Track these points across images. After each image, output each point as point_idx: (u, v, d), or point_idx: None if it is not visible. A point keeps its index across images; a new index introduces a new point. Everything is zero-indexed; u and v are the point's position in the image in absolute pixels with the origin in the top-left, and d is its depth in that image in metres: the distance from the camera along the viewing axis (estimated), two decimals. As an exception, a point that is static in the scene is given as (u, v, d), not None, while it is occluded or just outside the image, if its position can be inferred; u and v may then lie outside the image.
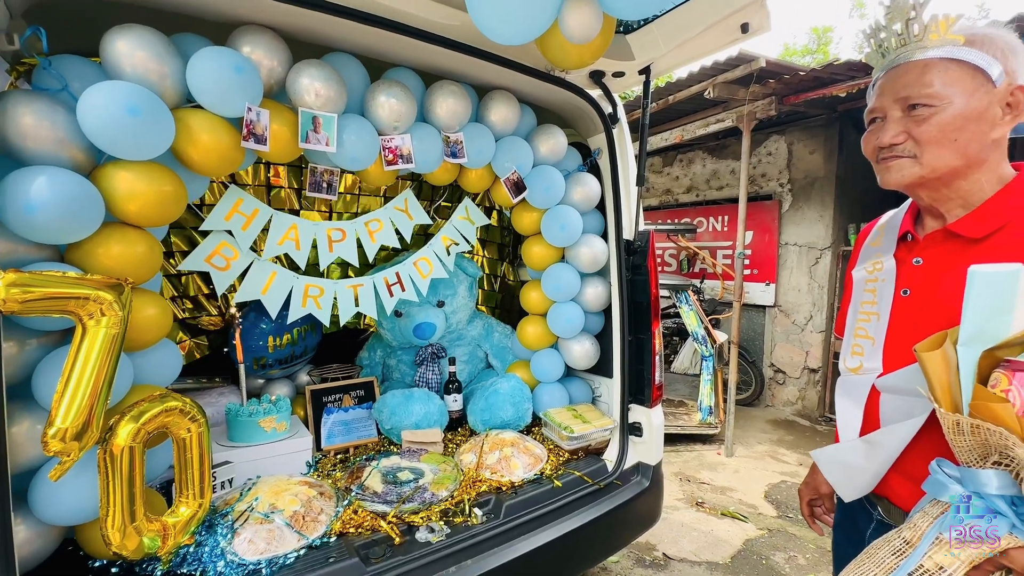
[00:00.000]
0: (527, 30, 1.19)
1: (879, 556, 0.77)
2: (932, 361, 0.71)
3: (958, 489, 0.70)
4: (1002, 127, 0.83)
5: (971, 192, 0.86)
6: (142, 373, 1.20)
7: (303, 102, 1.33)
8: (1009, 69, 0.81)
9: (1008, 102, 0.82)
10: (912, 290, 0.91)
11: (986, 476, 0.68)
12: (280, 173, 2.18)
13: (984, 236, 0.82)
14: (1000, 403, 0.63)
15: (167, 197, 1.17)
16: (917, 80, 0.83)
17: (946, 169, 0.84)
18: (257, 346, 1.96)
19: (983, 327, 0.67)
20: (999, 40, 0.82)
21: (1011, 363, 0.65)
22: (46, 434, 0.90)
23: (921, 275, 0.91)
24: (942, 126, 0.81)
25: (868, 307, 0.99)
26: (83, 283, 0.96)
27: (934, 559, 0.69)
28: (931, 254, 0.90)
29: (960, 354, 0.69)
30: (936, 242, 0.90)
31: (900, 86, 0.85)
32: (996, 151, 0.85)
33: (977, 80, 0.81)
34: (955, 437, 0.70)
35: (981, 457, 0.69)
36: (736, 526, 2.90)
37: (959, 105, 0.81)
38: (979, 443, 0.68)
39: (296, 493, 1.36)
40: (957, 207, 0.88)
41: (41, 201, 0.96)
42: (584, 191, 1.94)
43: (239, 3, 1.21)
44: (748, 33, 1.56)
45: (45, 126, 1.00)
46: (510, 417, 1.96)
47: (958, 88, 0.81)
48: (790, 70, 3.42)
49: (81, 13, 1.17)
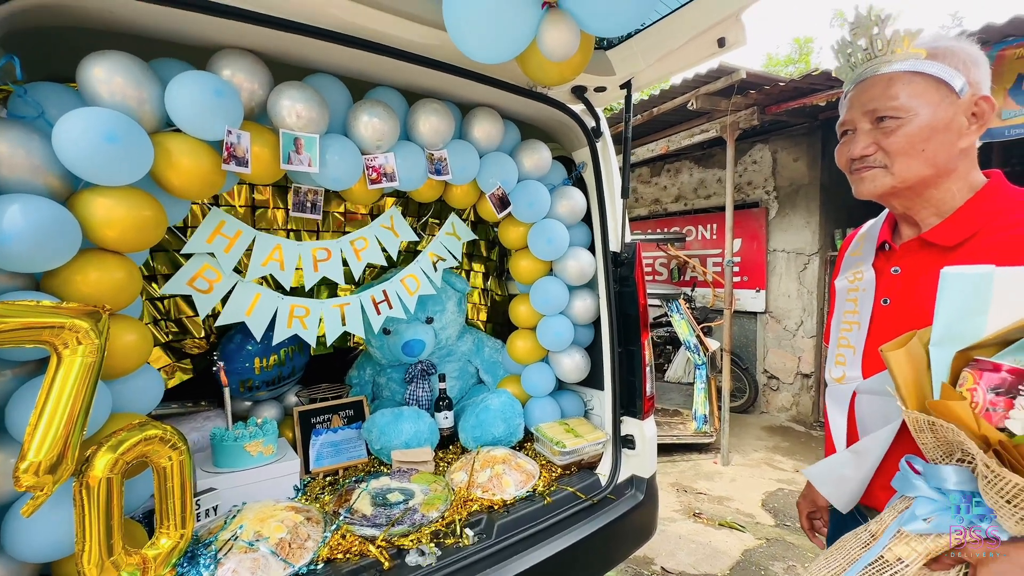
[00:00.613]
0: (505, 49, 1.21)
1: (847, 548, 0.80)
2: (896, 359, 0.73)
3: (921, 485, 0.72)
4: (969, 136, 0.85)
5: (943, 200, 0.88)
6: (122, 401, 1.17)
7: (284, 124, 1.33)
8: (972, 80, 0.84)
9: (973, 112, 0.84)
10: (892, 299, 0.92)
11: (945, 472, 0.70)
12: (265, 192, 2.17)
13: (958, 243, 0.84)
14: (957, 401, 0.64)
15: (146, 222, 1.16)
16: (883, 93, 0.85)
17: (916, 179, 0.86)
18: (243, 368, 1.93)
19: (955, 327, 0.69)
20: (960, 52, 0.84)
21: (979, 362, 0.66)
22: (18, 468, 0.87)
23: (900, 284, 0.92)
24: (909, 137, 0.84)
25: (850, 316, 1.00)
26: (58, 312, 0.94)
27: (894, 551, 0.72)
28: (908, 263, 0.92)
29: (932, 354, 0.70)
30: (912, 251, 0.92)
31: (867, 99, 0.88)
32: (965, 160, 0.87)
33: (941, 92, 0.83)
34: (919, 435, 0.72)
35: (946, 454, 0.71)
36: (734, 536, 2.88)
37: (925, 116, 0.83)
38: (940, 440, 0.70)
39: (282, 519, 1.33)
40: (931, 215, 0.89)
41: (15, 230, 0.94)
42: (569, 204, 1.95)
43: (219, 28, 1.22)
44: (725, 47, 1.59)
45: (20, 154, 0.99)
46: (501, 433, 1.94)
47: (923, 100, 0.83)
48: (770, 81, 3.49)
49: (58, 40, 1.17)
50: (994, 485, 0.62)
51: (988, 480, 0.63)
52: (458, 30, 1.17)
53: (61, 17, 1.11)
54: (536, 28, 1.18)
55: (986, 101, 0.84)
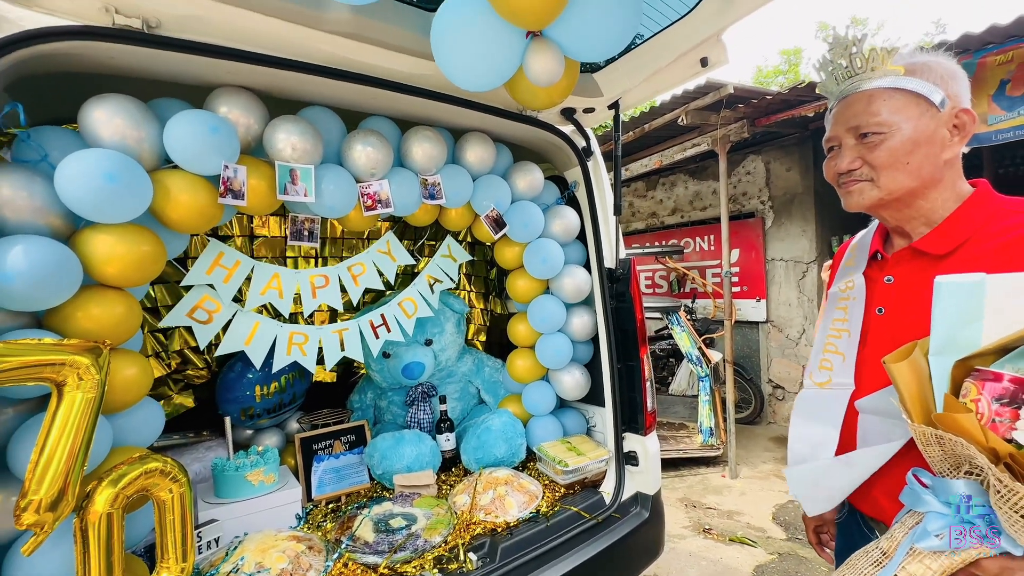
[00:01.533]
0: (493, 78, 1.24)
1: (858, 567, 0.77)
2: (900, 372, 0.72)
3: (931, 500, 0.70)
4: (952, 148, 0.87)
5: (932, 210, 0.89)
6: (122, 434, 1.18)
7: (280, 156, 1.37)
8: (951, 94, 0.86)
9: (955, 124, 0.86)
10: (887, 308, 0.93)
11: (956, 485, 0.68)
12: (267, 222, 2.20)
13: (948, 252, 0.85)
14: (963, 414, 0.63)
15: (146, 257, 1.18)
16: (864, 110, 0.88)
17: (903, 191, 0.88)
18: (244, 396, 1.93)
19: (952, 336, 0.69)
20: (938, 68, 0.87)
21: (980, 372, 0.66)
22: (18, 506, 0.88)
23: (894, 293, 0.93)
24: (892, 151, 0.86)
25: (839, 324, 1.01)
26: (59, 349, 0.96)
27: (908, 570, 0.70)
28: (901, 272, 0.93)
29: (932, 364, 0.70)
30: (904, 260, 0.93)
31: (850, 115, 0.90)
32: (950, 170, 0.89)
33: (921, 106, 0.85)
34: (925, 448, 0.71)
35: (954, 467, 0.70)
36: (745, 552, 2.82)
37: (907, 131, 0.85)
38: (948, 453, 0.69)
39: (284, 549, 1.32)
40: (921, 225, 0.91)
41: (18, 270, 0.97)
42: (563, 223, 1.98)
43: (215, 67, 1.26)
44: (708, 67, 1.63)
45: (22, 196, 1.02)
46: (503, 454, 1.93)
47: (903, 115, 0.85)
48: (758, 94, 3.55)
49: (60, 84, 1.21)
50: (1007, 500, 0.61)
51: (1001, 495, 0.61)
52: (447, 61, 1.21)
53: (64, 64, 1.16)
54: (522, 56, 1.22)
55: (966, 113, 0.86)
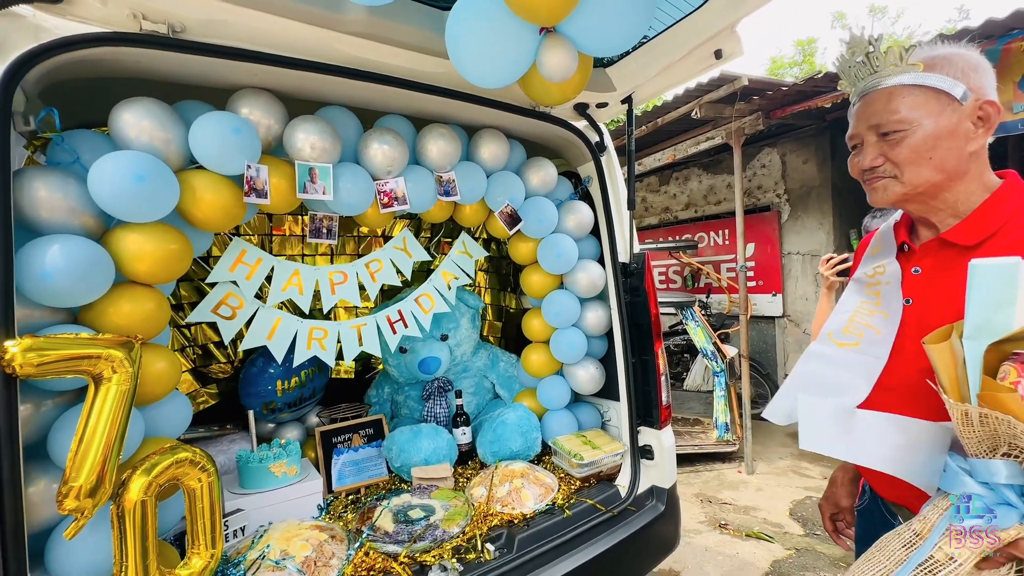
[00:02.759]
0: (507, 75, 1.26)
1: (890, 548, 0.77)
2: (940, 353, 0.73)
3: (968, 480, 0.71)
4: (977, 140, 0.86)
5: (959, 202, 0.89)
6: (153, 426, 1.23)
7: (300, 155, 1.40)
8: (974, 86, 0.85)
9: (979, 116, 0.85)
10: (915, 299, 0.93)
11: (995, 466, 0.68)
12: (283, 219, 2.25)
13: (978, 243, 0.85)
14: (1008, 393, 0.65)
15: (173, 255, 1.22)
16: (884, 108, 0.88)
17: (927, 185, 0.88)
18: (266, 391, 1.98)
19: (987, 320, 0.69)
20: (959, 60, 0.86)
21: (1019, 355, 0.66)
22: (60, 492, 0.92)
23: (922, 284, 0.93)
24: (914, 147, 0.86)
25: (869, 306, 1.01)
26: (94, 343, 1.00)
27: (944, 550, 0.70)
28: (928, 263, 0.93)
29: (966, 347, 0.70)
30: (932, 251, 0.93)
31: (870, 114, 0.90)
32: (976, 162, 0.88)
33: (942, 101, 0.85)
34: (963, 428, 0.71)
35: (990, 449, 0.71)
36: (762, 547, 2.81)
37: (928, 126, 0.85)
38: (988, 434, 0.69)
39: (307, 538, 1.36)
40: (948, 216, 0.90)
41: (55, 268, 1.01)
42: (577, 218, 1.98)
43: (237, 70, 1.30)
44: (722, 59, 1.62)
45: (58, 197, 1.07)
46: (519, 447, 1.95)
47: (923, 111, 0.85)
48: (773, 86, 3.50)
49: (91, 89, 1.26)
50: None
51: None
52: (461, 59, 1.22)
53: (93, 69, 1.20)
54: (535, 53, 1.23)
55: (991, 105, 0.85)
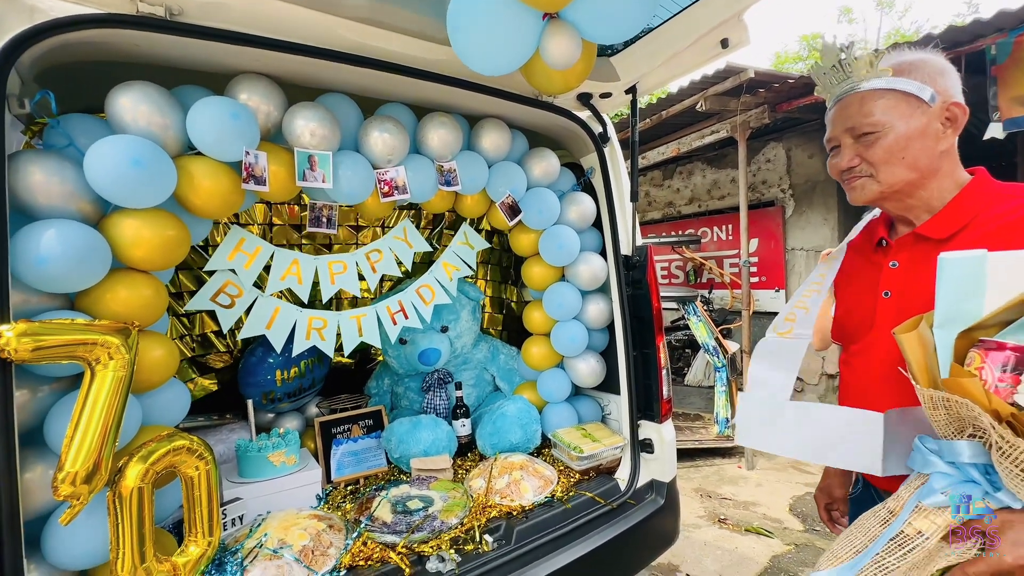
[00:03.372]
0: (509, 62, 1.24)
1: (866, 525, 0.82)
2: (909, 342, 0.78)
3: (937, 461, 0.75)
4: (946, 139, 0.92)
5: (932, 198, 0.94)
6: (150, 413, 1.22)
7: (299, 142, 1.38)
8: (941, 89, 0.91)
9: (947, 116, 0.91)
10: (892, 292, 0.98)
11: (960, 446, 0.73)
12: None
13: (949, 236, 0.90)
14: (968, 378, 0.68)
15: (171, 241, 1.21)
16: (858, 111, 0.93)
17: (902, 183, 0.93)
18: (265, 380, 1.98)
19: (955, 310, 0.73)
20: (925, 66, 0.92)
21: (984, 343, 0.70)
22: (56, 479, 0.92)
23: (899, 277, 0.98)
24: (888, 148, 0.91)
25: (814, 286, 1.11)
26: (90, 329, 0.99)
27: (914, 525, 0.74)
28: (905, 257, 0.98)
29: (936, 336, 0.74)
30: (908, 245, 0.98)
31: (845, 117, 0.96)
32: (947, 160, 0.93)
33: (911, 104, 0.90)
34: (932, 412, 0.75)
35: (958, 431, 0.74)
36: (761, 542, 2.81)
37: (900, 128, 0.90)
38: (953, 417, 0.73)
39: (305, 527, 1.36)
40: (923, 212, 0.96)
41: (51, 253, 1.00)
42: (579, 210, 1.97)
43: (236, 54, 1.28)
44: (728, 48, 1.59)
45: (54, 182, 1.05)
46: (519, 440, 1.95)
47: (894, 113, 0.90)
48: (779, 79, 3.46)
49: (88, 73, 1.24)
50: (1008, 455, 0.66)
51: (1003, 451, 0.66)
52: (462, 45, 1.20)
53: (90, 52, 1.18)
54: (538, 39, 1.21)
55: (957, 106, 0.91)
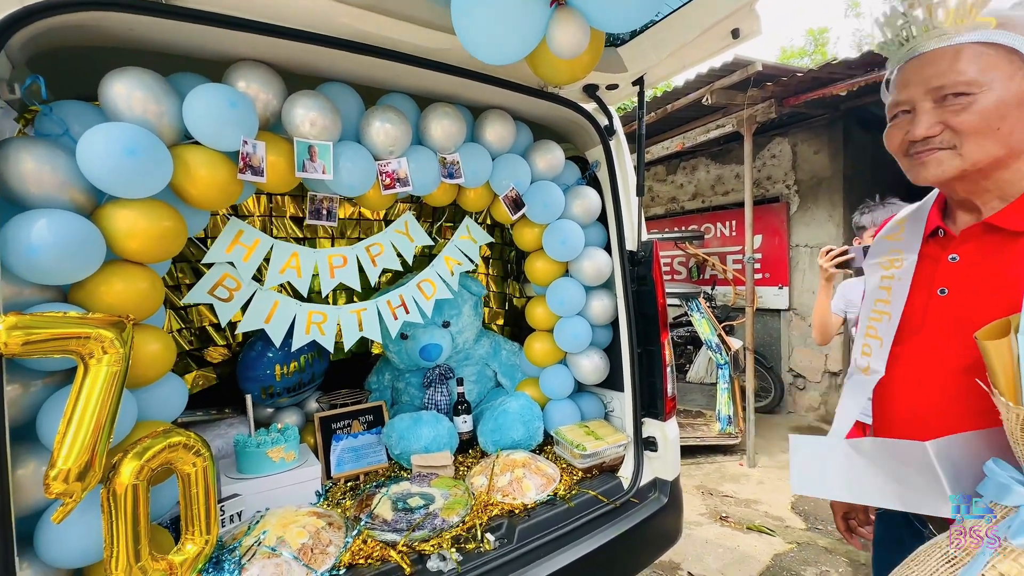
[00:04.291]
0: (515, 50, 1.20)
1: (928, 563, 0.70)
2: (998, 350, 0.65)
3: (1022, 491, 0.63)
4: None
5: (1011, 183, 0.80)
6: (146, 409, 1.20)
7: (299, 132, 1.35)
8: None
9: None
10: (951, 289, 0.85)
11: None
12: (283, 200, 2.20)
13: None
14: None
15: (167, 233, 1.18)
16: (950, 68, 0.77)
17: (989, 160, 0.78)
18: (264, 375, 1.95)
19: None
20: None
21: None
22: (48, 476, 0.89)
23: (960, 272, 0.85)
24: (984, 114, 0.76)
25: (881, 305, 0.94)
26: (84, 322, 0.97)
27: (998, 569, 0.62)
28: (969, 250, 0.84)
29: (1021, 343, 0.62)
30: (974, 236, 0.84)
31: (931, 75, 0.79)
32: None
33: (1015, 63, 0.75)
34: (1021, 435, 0.63)
35: None
36: (763, 541, 2.79)
37: (999, 91, 0.75)
38: None
39: (304, 525, 1.34)
40: (994, 199, 0.82)
41: (43, 243, 0.97)
42: (584, 204, 1.93)
43: (234, 41, 1.24)
44: (739, 38, 1.55)
45: (46, 170, 1.02)
46: (521, 437, 1.92)
47: (995, 73, 0.75)
48: (787, 72, 3.41)
49: (82, 59, 1.21)
50: None
51: None
52: (467, 33, 1.17)
53: (83, 37, 1.15)
54: (545, 27, 1.17)
55: None
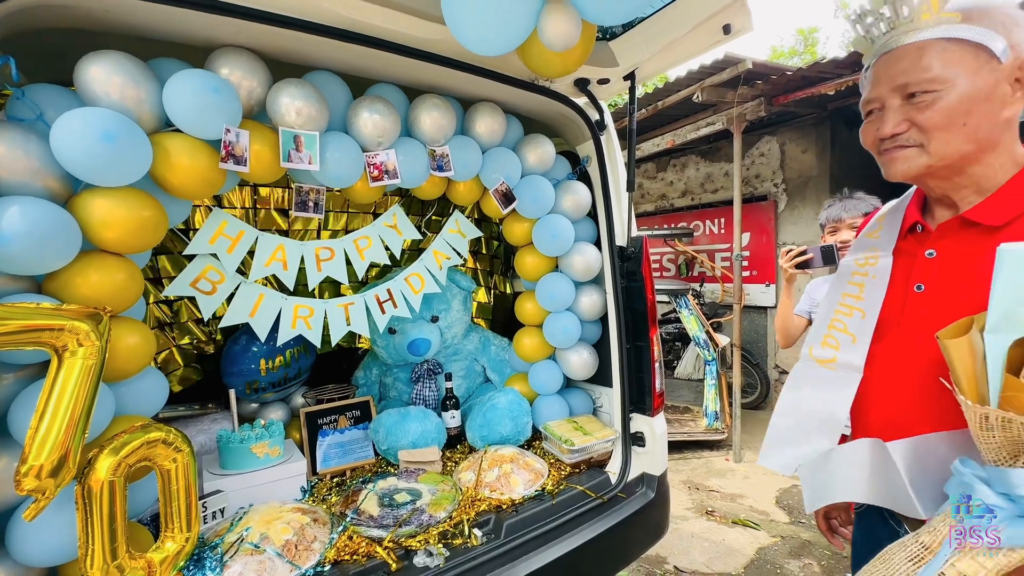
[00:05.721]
0: (506, 41, 1.19)
1: (893, 561, 0.71)
2: (957, 349, 0.66)
3: (985, 490, 0.64)
4: (1014, 105, 0.77)
5: (985, 177, 0.80)
6: (125, 403, 1.16)
7: (284, 121, 1.32)
8: (1014, 42, 0.75)
9: (1017, 77, 0.76)
10: (927, 285, 0.85)
11: (1018, 476, 0.62)
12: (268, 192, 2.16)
13: (1005, 223, 0.77)
14: None
15: (146, 223, 1.15)
16: (914, 65, 0.77)
17: (956, 156, 0.78)
18: (249, 369, 1.92)
19: (1013, 311, 0.62)
20: (998, 13, 0.76)
21: None
22: (19, 472, 0.86)
23: (937, 268, 0.84)
24: (948, 111, 0.75)
25: (850, 300, 0.94)
26: (58, 314, 0.93)
27: (957, 567, 0.63)
28: (946, 245, 0.84)
29: (987, 341, 0.63)
30: (951, 232, 0.84)
31: (896, 72, 0.79)
32: (1008, 131, 0.79)
33: (980, 58, 0.74)
34: (982, 433, 0.64)
35: (1011, 456, 0.64)
36: (748, 534, 2.83)
37: (963, 87, 0.75)
38: (1009, 440, 0.63)
39: (288, 521, 1.32)
40: (971, 194, 0.82)
41: (15, 232, 0.94)
42: (574, 199, 1.92)
43: (217, 26, 1.21)
44: (731, 34, 1.55)
45: (18, 156, 0.98)
46: (509, 432, 1.92)
47: (960, 69, 0.75)
48: (777, 71, 3.43)
49: (57, 42, 1.17)
50: None
51: None
52: (458, 23, 1.15)
53: (58, 18, 1.11)
54: (536, 18, 1.16)
55: None
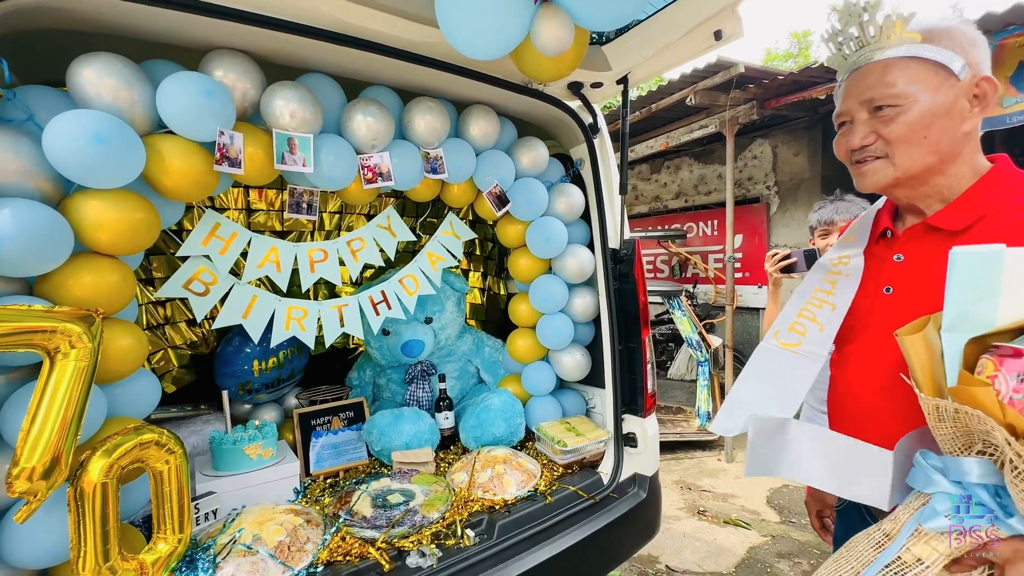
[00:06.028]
0: (500, 46, 1.20)
1: (858, 549, 0.75)
2: (913, 345, 0.70)
3: (941, 480, 0.68)
4: (972, 119, 0.82)
5: (948, 186, 0.85)
6: (118, 405, 1.16)
7: (278, 124, 1.32)
8: (972, 61, 0.81)
9: (975, 94, 0.82)
10: (895, 287, 0.90)
11: (968, 464, 0.66)
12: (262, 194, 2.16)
13: (964, 228, 0.82)
14: (981, 387, 0.61)
15: (139, 224, 1.15)
16: (879, 81, 0.83)
17: (920, 167, 0.83)
18: (242, 371, 1.92)
19: (967, 311, 0.65)
20: (957, 34, 0.82)
21: (998, 348, 0.63)
22: (11, 474, 0.86)
23: (904, 271, 0.90)
24: (910, 125, 0.81)
25: (822, 294, 0.99)
26: (50, 316, 0.93)
27: (912, 551, 0.67)
28: (912, 249, 0.90)
29: (944, 340, 0.67)
30: (916, 237, 0.89)
31: (863, 88, 0.85)
32: (968, 144, 0.84)
33: (940, 76, 0.80)
34: (937, 424, 0.69)
35: (965, 446, 0.68)
36: (739, 534, 2.86)
37: (925, 102, 0.80)
38: (961, 430, 0.66)
39: (281, 522, 1.32)
40: (935, 202, 0.87)
41: (6, 234, 0.94)
42: (568, 202, 1.94)
43: (210, 28, 1.21)
44: (722, 40, 1.57)
45: (9, 157, 0.98)
46: (502, 433, 1.93)
47: (921, 85, 0.80)
48: (769, 75, 3.47)
49: (50, 44, 1.16)
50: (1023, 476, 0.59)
51: (1019, 471, 0.59)
52: (452, 27, 1.16)
53: (51, 20, 1.11)
54: (530, 23, 1.17)
55: (988, 82, 0.82)
